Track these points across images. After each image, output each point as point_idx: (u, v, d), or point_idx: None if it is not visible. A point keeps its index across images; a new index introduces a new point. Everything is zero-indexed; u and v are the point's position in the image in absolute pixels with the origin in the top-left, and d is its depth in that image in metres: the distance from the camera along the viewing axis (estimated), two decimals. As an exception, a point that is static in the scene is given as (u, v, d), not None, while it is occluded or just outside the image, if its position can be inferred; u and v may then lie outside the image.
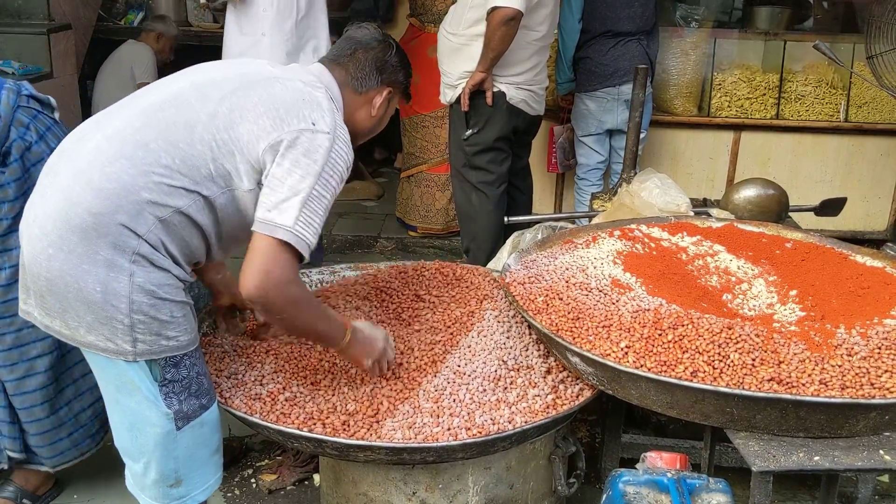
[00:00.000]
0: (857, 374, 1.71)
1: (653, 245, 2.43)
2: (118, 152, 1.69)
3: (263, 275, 1.65)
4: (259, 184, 1.74)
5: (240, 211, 1.78)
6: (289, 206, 1.66)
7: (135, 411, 1.77)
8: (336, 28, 5.88)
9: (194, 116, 1.72)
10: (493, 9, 3.30)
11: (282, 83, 1.80)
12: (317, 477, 2.62)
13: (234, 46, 3.87)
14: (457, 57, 3.61)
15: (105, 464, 2.66)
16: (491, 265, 2.92)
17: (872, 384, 1.69)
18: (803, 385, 1.70)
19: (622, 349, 1.86)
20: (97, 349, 1.72)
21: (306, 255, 1.69)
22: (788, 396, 1.66)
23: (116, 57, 5.33)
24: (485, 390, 1.99)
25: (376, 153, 6.04)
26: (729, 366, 1.76)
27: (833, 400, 1.66)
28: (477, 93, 3.55)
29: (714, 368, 1.76)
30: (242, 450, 2.82)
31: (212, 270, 2.14)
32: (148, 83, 5.70)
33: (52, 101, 2.32)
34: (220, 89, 1.77)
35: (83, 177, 1.68)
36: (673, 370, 1.78)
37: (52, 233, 1.66)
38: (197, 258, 1.83)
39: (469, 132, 3.61)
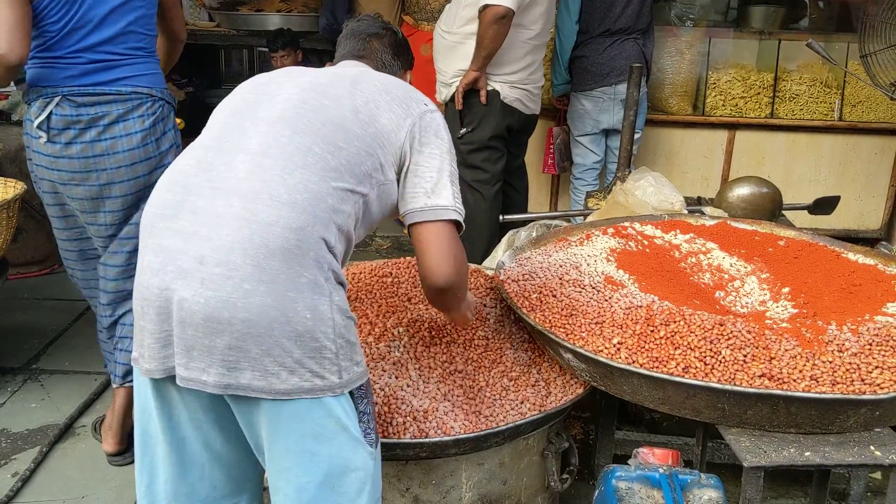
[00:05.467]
0: (847, 370, 1.72)
1: (646, 243, 2.44)
2: (289, 163, 1.51)
3: (453, 258, 1.66)
4: (397, 173, 1.67)
5: (377, 205, 1.66)
6: (442, 188, 1.67)
7: (333, 458, 1.51)
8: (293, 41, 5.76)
9: (338, 114, 1.61)
10: (485, 7, 3.31)
11: (373, 73, 1.78)
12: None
13: None
14: (451, 55, 3.62)
15: (100, 458, 2.67)
16: (486, 263, 2.93)
17: (863, 380, 1.70)
18: (794, 381, 1.71)
19: (615, 345, 1.87)
20: (299, 392, 1.45)
21: (463, 226, 1.73)
22: (779, 392, 1.67)
23: None
24: (479, 387, 2.00)
25: None
26: (721, 362, 1.77)
27: (824, 396, 1.67)
28: (471, 91, 3.56)
29: (706, 364, 1.77)
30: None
31: None
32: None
33: None
34: (340, 86, 1.67)
35: (263, 196, 1.47)
36: (665, 366, 1.79)
37: (244, 265, 1.42)
38: None
39: (464, 130, 3.62)
